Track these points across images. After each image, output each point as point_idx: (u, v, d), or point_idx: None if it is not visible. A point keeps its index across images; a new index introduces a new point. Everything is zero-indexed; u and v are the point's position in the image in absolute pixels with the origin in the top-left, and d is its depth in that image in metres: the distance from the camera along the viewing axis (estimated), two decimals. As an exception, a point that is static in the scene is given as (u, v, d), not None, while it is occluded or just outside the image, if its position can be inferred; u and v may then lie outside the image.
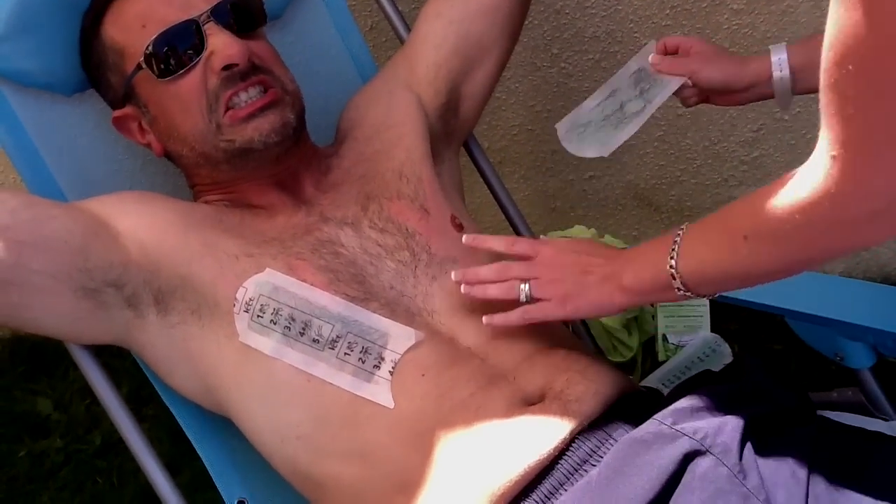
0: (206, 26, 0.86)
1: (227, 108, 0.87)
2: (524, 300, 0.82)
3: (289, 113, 0.89)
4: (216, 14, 0.86)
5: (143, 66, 0.87)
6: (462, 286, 0.84)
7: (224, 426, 0.90)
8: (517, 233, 1.19)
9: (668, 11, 1.40)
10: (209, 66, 0.86)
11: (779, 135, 1.51)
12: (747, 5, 1.38)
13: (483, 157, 1.18)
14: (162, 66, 0.86)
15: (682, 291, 0.75)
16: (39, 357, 1.82)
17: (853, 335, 0.87)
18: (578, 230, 1.15)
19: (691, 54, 0.96)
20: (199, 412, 0.91)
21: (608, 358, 1.13)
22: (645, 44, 1.01)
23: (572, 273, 0.82)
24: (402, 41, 1.15)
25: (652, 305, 1.40)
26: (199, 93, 0.86)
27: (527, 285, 0.82)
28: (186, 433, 0.92)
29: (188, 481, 1.16)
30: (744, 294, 0.86)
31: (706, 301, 1.58)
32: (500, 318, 0.82)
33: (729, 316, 1.58)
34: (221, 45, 0.85)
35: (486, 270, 0.84)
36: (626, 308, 0.82)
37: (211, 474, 0.92)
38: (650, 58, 0.97)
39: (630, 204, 1.65)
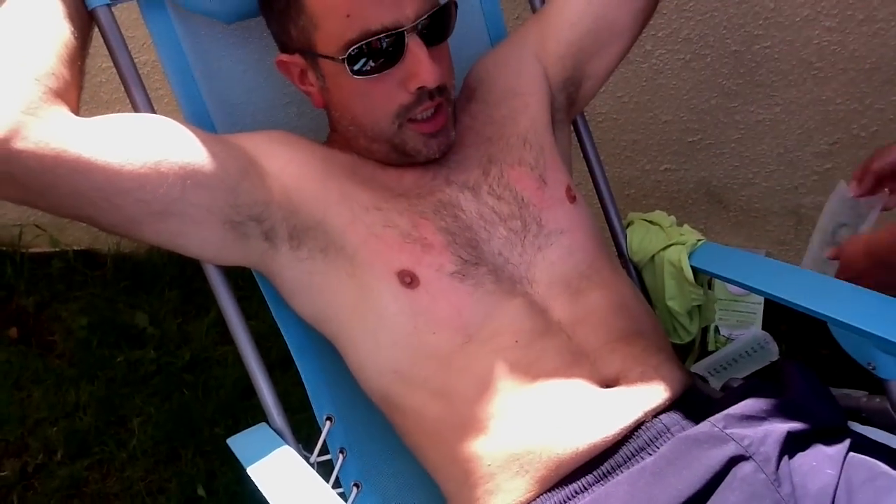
0: (409, 37, 0.88)
1: (410, 119, 0.93)
2: None
3: (451, 131, 0.96)
4: (420, 26, 0.88)
5: (343, 63, 0.88)
6: None
7: (323, 351, 1.00)
8: (604, 210, 1.22)
9: (761, 22, 1.45)
10: (404, 82, 0.90)
11: (853, 150, 1.55)
12: (840, 24, 1.41)
13: (588, 134, 1.21)
14: (358, 67, 0.89)
15: None
16: (140, 275, 1.98)
17: (886, 349, 0.92)
18: (659, 215, 1.21)
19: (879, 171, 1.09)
20: (304, 336, 1.02)
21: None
22: (835, 185, 1.14)
23: None
24: (531, 1, 1.18)
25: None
26: (388, 100, 0.91)
27: None
28: (291, 352, 1.02)
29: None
30: (792, 296, 0.96)
31: (761, 299, 1.63)
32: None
33: (781, 317, 1.63)
34: (420, 67, 0.88)
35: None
36: None
37: (307, 390, 1.02)
38: (849, 190, 1.11)
39: (701, 199, 1.72)
